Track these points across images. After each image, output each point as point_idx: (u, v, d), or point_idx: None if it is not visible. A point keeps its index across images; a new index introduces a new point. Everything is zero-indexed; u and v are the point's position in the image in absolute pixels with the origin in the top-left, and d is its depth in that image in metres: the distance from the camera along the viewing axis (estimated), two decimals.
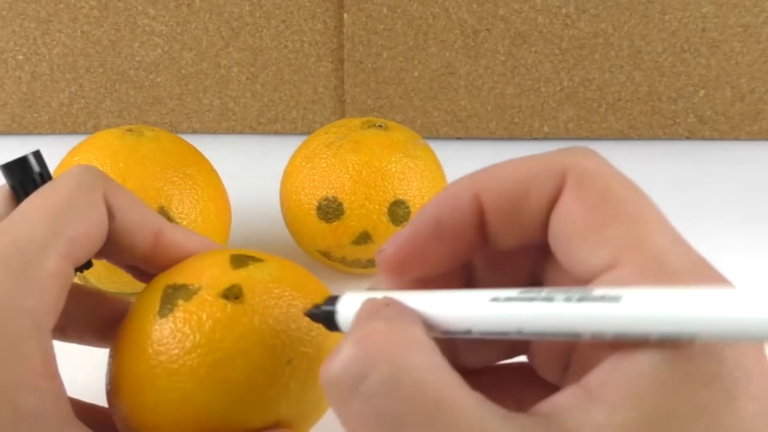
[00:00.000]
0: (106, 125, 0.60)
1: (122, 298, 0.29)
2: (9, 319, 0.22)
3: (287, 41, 0.58)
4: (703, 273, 0.17)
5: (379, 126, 0.42)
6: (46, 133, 0.60)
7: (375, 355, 0.17)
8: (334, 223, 0.39)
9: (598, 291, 0.17)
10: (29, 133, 0.60)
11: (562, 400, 0.17)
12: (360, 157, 0.40)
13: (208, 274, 0.25)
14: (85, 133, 0.59)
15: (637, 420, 0.16)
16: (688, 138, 0.60)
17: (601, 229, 0.18)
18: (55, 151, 0.37)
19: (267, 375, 0.24)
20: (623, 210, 0.18)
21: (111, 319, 0.28)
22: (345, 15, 0.57)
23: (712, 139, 0.60)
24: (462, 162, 0.58)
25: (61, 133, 0.60)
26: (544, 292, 0.18)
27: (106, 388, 0.26)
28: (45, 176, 0.27)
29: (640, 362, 0.16)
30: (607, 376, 0.17)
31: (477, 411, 0.16)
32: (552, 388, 0.20)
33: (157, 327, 0.24)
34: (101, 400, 0.27)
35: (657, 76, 0.58)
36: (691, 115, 0.60)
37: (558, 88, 0.59)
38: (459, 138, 0.61)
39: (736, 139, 0.60)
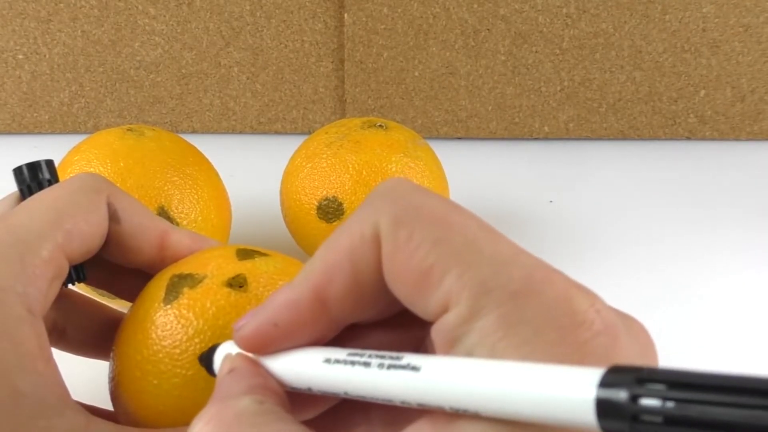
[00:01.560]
0: (106, 125, 0.60)
1: (117, 309, 0.30)
2: (3, 303, 0.22)
3: (287, 41, 0.58)
4: (527, 292, 0.17)
5: (380, 126, 0.42)
6: (46, 133, 0.60)
7: None
8: (334, 223, 0.39)
9: (406, 359, 0.17)
10: (29, 132, 0.60)
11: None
12: (360, 157, 0.40)
13: (214, 264, 0.26)
14: (85, 132, 0.59)
15: None
16: (688, 138, 0.60)
17: (425, 279, 0.18)
18: (55, 151, 0.37)
19: None
20: (437, 249, 0.18)
21: (108, 328, 0.28)
22: (345, 15, 0.56)
23: (712, 139, 0.60)
24: (462, 162, 0.58)
25: (61, 132, 0.60)
26: (365, 356, 0.18)
27: (109, 383, 0.26)
28: (53, 183, 0.27)
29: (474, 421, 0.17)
30: (449, 419, 0.17)
31: None
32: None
33: (161, 314, 0.25)
34: (102, 402, 0.27)
35: (657, 76, 0.58)
36: (691, 115, 0.60)
37: (558, 88, 0.59)
38: (459, 138, 0.61)
39: (736, 139, 0.60)
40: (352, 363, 0.18)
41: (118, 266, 0.28)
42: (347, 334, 0.21)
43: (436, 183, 0.41)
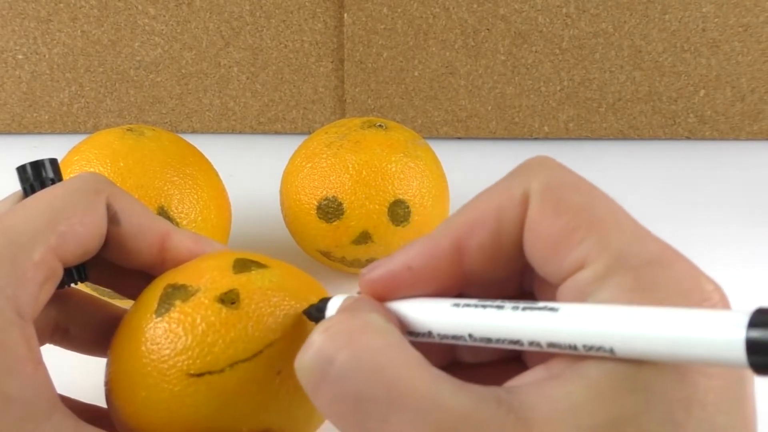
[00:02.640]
0: (106, 125, 0.60)
1: (121, 307, 0.29)
2: None
3: (287, 41, 0.58)
4: (661, 263, 0.18)
5: (379, 126, 0.42)
6: (46, 133, 0.60)
7: (337, 342, 0.19)
8: (334, 223, 0.39)
9: (542, 303, 0.18)
10: (29, 132, 0.60)
11: (527, 377, 0.19)
12: (360, 157, 0.40)
13: (208, 276, 0.25)
14: (85, 132, 0.59)
15: (588, 397, 0.17)
16: (688, 138, 0.60)
17: (565, 240, 0.19)
18: (55, 151, 0.37)
19: (256, 383, 0.24)
20: (582, 215, 0.19)
21: (111, 326, 0.28)
22: (345, 15, 0.57)
23: (712, 139, 0.60)
24: (462, 162, 0.58)
25: (61, 132, 0.60)
26: (498, 302, 0.19)
27: (105, 385, 0.26)
28: (56, 182, 0.27)
29: (599, 363, 0.17)
30: (572, 361, 0.18)
31: (431, 384, 0.18)
32: None
33: (152, 326, 0.24)
34: (101, 401, 0.27)
35: (657, 76, 0.58)
36: (691, 115, 0.60)
37: (558, 88, 0.59)
38: (459, 138, 0.61)
39: (736, 139, 0.60)
40: (484, 306, 0.19)
41: (121, 266, 0.28)
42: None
43: (436, 183, 0.41)
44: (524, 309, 0.18)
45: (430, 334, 0.20)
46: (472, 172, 0.56)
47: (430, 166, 0.41)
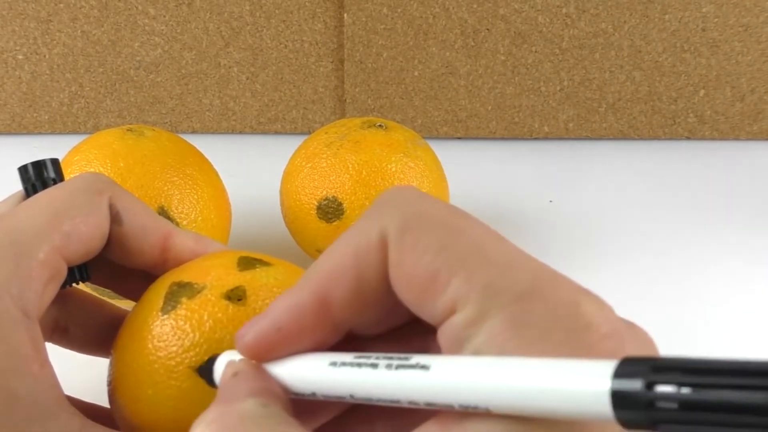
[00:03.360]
0: (106, 125, 0.60)
1: (121, 307, 0.29)
2: None
3: (287, 41, 0.58)
4: (534, 295, 0.17)
5: (379, 126, 0.42)
6: (46, 133, 0.60)
7: None
8: (334, 223, 0.39)
9: (415, 359, 0.17)
10: (29, 132, 0.60)
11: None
12: (360, 157, 0.40)
13: (213, 274, 0.25)
14: (85, 133, 0.59)
15: None
16: (688, 138, 0.60)
17: (431, 284, 0.18)
18: (55, 151, 0.37)
19: None
20: (444, 255, 0.18)
21: (110, 326, 0.28)
22: (345, 15, 0.57)
23: (712, 139, 0.60)
24: (462, 162, 0.58)
25: (61, 133, 0.60)
26: (372, 357, 0.18)
27: (107, 386, 0.26)
28: (58, 182, 0.27)
29: (485, 420, 0.17)
30: (459, 419, 0.17)
31: None
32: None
33: (158, 323, 0.24)
34: (102, 401, 0.27)
35: (657, 76, 0.58)
36: (691, 115, 0.60)
37: (558, 88, 0.59)
38: (459, 138, 0.61)
39: (736, 139, 0.60)
40: (359, 365, 0.18)
41: (123, 266, 0.28)
42: (348, 348, 0.21)
43: (436, 183, 0.41)
44: (397, 368, 0.17)
45: (314, 394, 0.19)
46: (472, 172, 0.56)
47: (430, 166, 0.41)
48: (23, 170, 0.27)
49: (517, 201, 0.53)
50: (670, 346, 0.18)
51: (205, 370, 0.23)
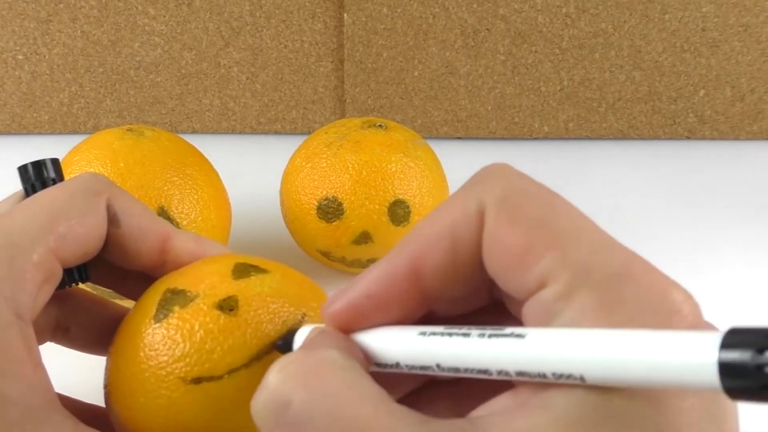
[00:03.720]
0: (106, 125, 0.60)
1: (123, 306, 0.29)
2: None
3: (287, 41, 0.58)
4: (626, 276, 0.17)
5: (379, 126, 0.42)
6: (46, 133, 0.60)
7: (291, 384, 0.18)
8: (334, 223, 0.39)
9: (508, 329, 0.18)
10: (29, 133, 0.60)
11: (493, 406, 0.18)
12: (360, 157, 0.40)
13: (208, 282, 0.25)
14: (85, 133, 0.59)
15: (555, 430, 0.16)
16: (688, 138, 0.60)
17: (524, 257, 0.18)
18: (55, 151, 0.37)
19: (253, 390, 0.23)
20: (540, 229, 0.18)
21: (112, 325, 0.28)
22: (345, 15, 0.57)
23: (712, 139, 0.60)
24: (462, 162, 0.58)
25: (61, 133, 0.60)
26: (464, 328, 0.18)
27: (104, 388, 0.26)
28: (58, 182, 0.27)
29: (567, 392, 0.17)
30: (538, 389, 0.17)
31: (390, 424, 0.17)
32: None
33: (150, 331, 0.24)
34: (102, 401, 0.27)
35: (657, 75, 0.58)
36: (691, 115, 0.60)
37: (558, 88, 0.59)
38: (459, 138, 0.61)
39: (736, 139, 0.60)
40: (450, 334, 0.18)
41: (123, 267, 0.28)
42: None
43: (436, 183, 0.41)
44: (490, 336, 0.18)
45: (398, 365, 0.19)
46: (472, 172, 0.56)
47: (430, 166, 0.41)
48: (23, 170, 0.27)
49: None
50: None
51: (283, 345, 0.23)
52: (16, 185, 0.28)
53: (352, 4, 0.56)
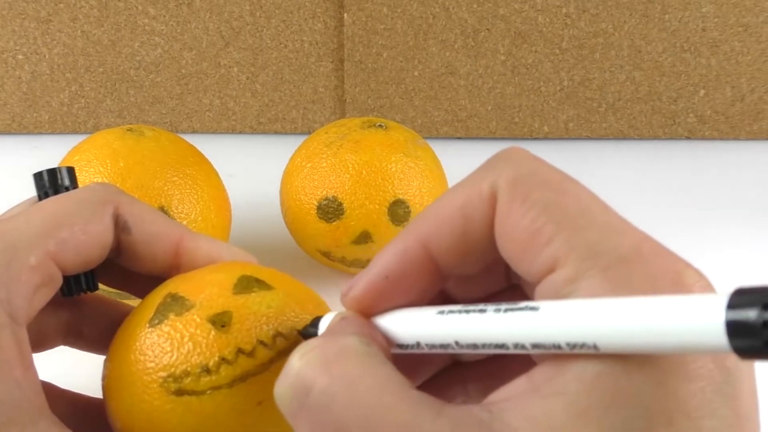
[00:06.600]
0: (106, 125, 0.60)
1: (133, 307, 0.29)
2: None
3: (287, 41, 0.58)
4: (636, 258, 0.17)
5: (379, 126, 0.42)
6: (46, 133, 0.60)
7: (314, 370, 0.18)
8: (334, 223, 0.39)
9: (523, 303, 0.18)
10: (29, 132, 0.60)
11: (509, 390, 0.18)
12: (360, 157, 0.40)
13: (207, 293, 0.25)
14: (85, 133, 0.59)
15: (568, 416, 0.16)
16: (688, 138, 0.60)
17: (534, 240, 0.18)
18: (55, 151, 0.37)
19: (235, 411, 0.23)
20: (550, 212, 0.19)
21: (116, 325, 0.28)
22: (345, 15, 0.57)
23: (712, 139, 0.60)
24: (462, 162, 0.58)
25: (61, 133, 0.60)
26: (481, 305, 0.19)
27: (102, 382, 0.26)
28: (71, 190, 0.27)
29: (584, 365, 0.17)
30: (552, 373, 0.17)
31: (410, 410, 0.17)
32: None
33: (143, 334, 0.24)
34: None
35: (657, 75, 0.58)
36: (691, 115, 0.60)
37: (558, 88, 0.59)
38: (459, 138, 0.61)
39: (736, 139, 0.60)
40: (467, 311, 0.19)
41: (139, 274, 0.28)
42: None
43: (436, 183, 0.41)
44: (506, 311, 0.18)
45: (418, 345, 0.20)
46: None
47: (430, 166, 0.41)
48: (38, 177, 0.27)
49: None
50: None
51: (308, 333, 0.24)
52: (17, 185, 0.28)
53: (352, 4, 0.56)
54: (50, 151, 0.33)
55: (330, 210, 0.39)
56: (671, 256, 0.18)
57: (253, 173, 0.52)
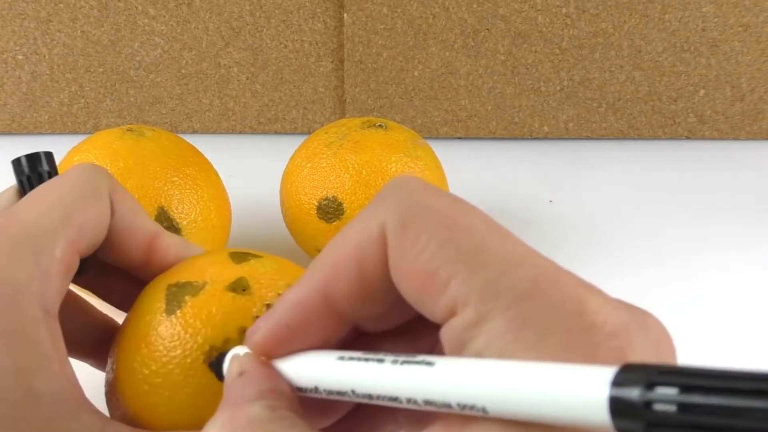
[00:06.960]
0: (106, 125, 0.60)
1: (107, 315, 0.29)
2: (20, 304, 0.22)
3: (287, 41, 0.58)
4: (534, 294, 0.17)
5: (379, 126, 0.42)
6: (46, 133, 0.60)
7: None
8: (334, 223, 0.39)
9: (421, 357, 0.17)
10: (29, 133, 0.60)
11: None
12: (360, 157, 0.40)
13: (211, 270, 0.25)
14: (85, 133, 0.59)
15: None
16: (688, 138, 0.60)
17: (431, 283, 0.18)
18: (55, 151, 0.37)
19: None
20: (443, 252, 0.18)
21: (99, 331, 0.28)
22: (345, 15, 0.57)
23: (712, 139, 0.60)
24: (462, 162, 0.58)
25: (61, 133, 0.60)
26: (381, 355, 0.18)
27: (110, 397, 0.26)
28: (53, 175, 0.27)
29: (484, 429, 0.16)
30: (461, 425, 0.17)
31: None
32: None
33: (167, 324, 0.24)
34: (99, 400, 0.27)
35: (657, 75, 0.58)
36: (691, 115, 0.60)
37: (558, 88, 0.59)
38: (459, 138, 0.61)
39: (736, 139, 0.60)
40: (366, 359, 0.18)
41: (107, 268, 0.28)
42: (358, 345, 0.21)
43: (436, 183, 0.41)
44: (403, 363, 0.17)
45: (316, 389, 0.19)
46: (472, 172, 0.56)
47: (430, 166, 0.41)
48: (17, 163, 0.27)
49: (517, 201, 0.53)
50: None
51: (215, 365, 0.24)
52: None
53: (352, 4, 0.56)
54: (50, 151, 0.33)
55: (330, 210, 0.39)
56: (572, 282, 0.17)
57: (253, 173, 0.52)
